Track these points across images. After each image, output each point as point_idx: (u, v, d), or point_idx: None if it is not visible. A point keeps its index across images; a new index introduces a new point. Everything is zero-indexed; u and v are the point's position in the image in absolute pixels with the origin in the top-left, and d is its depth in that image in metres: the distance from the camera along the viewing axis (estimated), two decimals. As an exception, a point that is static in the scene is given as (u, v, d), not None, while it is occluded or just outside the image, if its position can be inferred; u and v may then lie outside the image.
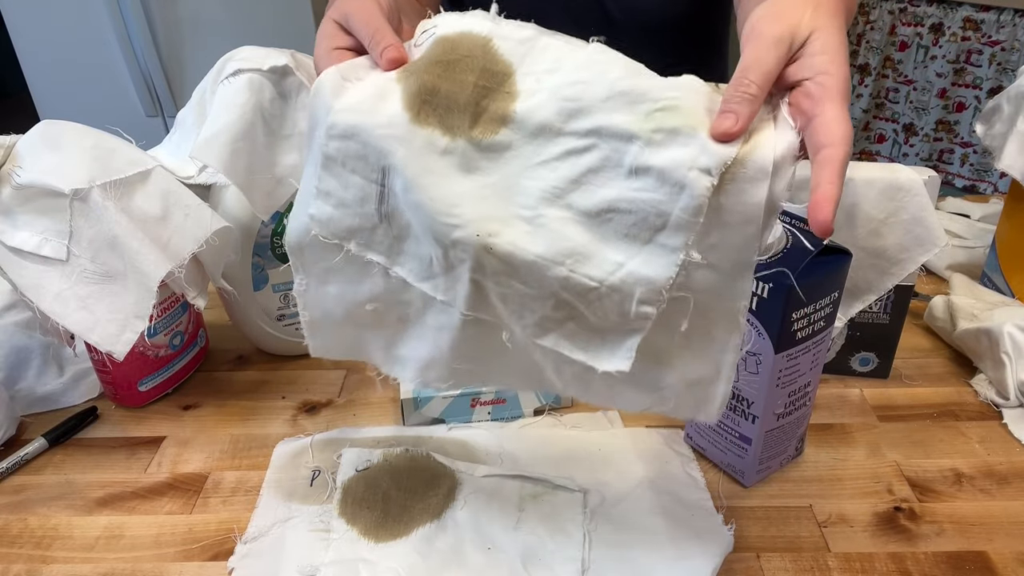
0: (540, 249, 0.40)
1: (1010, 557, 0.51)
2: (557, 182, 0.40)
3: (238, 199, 0.65)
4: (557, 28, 0.43)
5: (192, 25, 1.92)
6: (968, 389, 0.67)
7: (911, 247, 0.61)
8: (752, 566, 0.51)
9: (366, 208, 0.43)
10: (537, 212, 0.40)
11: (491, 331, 0.44)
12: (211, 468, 0.60)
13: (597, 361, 0.42)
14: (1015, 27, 2.09)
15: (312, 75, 0.64)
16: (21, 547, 0.53)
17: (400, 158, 0.40)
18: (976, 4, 2.14)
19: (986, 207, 0.95)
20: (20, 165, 0.55)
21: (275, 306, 0.71)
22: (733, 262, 0.39)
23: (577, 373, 0.44)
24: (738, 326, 0.41)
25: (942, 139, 2.34)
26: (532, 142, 0.41)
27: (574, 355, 0.42)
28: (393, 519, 0.53)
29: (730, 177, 0.37)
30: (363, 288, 0.46)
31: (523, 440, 0.61)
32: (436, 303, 0.44)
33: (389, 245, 0.44)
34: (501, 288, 0.41)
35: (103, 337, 0.57)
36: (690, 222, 0.38)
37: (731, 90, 0.38)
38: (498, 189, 0.41)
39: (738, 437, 0.55)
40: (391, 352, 0.48)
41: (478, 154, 0.41)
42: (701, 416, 0.44)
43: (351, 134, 0.41)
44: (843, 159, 0.37)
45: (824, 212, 0.36)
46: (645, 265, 0.39)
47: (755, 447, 0.55)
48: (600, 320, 0.41)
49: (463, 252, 0.40)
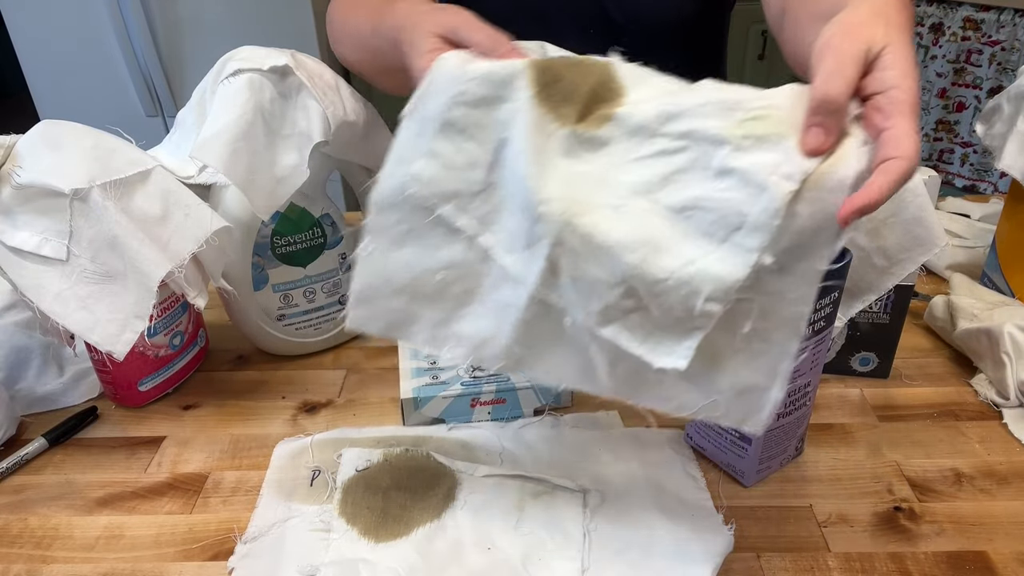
0: (619, 235, 0.41)
1: (1010, 557, 0.51)
2: (647, 178, 0.42)
3: (238, 199, 0.65)
4: (559, 29, 0.44)
5: (192, 25, 1.92)
6: (968, 389, 0.67)
7: (911, 247, 0.61)
8: (752, 566, 0.51)
9: (473, 174, 0.45)
10: (624, 202, 0.42)
11: (554, 317, 0.45)
12: (211, 468, 0.60)
13: (655, 356, 0.43)
14: (1015, 27, 2.09)
15: (313, 75, 0.64)
16: (21, 547, 0.53)
17: (518, 131, 0.43)
18: (976, 4, 2.13)
19: (986, 207, 0.95)
20: (20, 165, 0.55)
21: (275, 306, 0.71)
22: (803, 269, 0.41)
23: (630, 370, 0.44)
24: (798, 333, 0.42)
25: (942, 139, 2.34)
26: (629, 140, 0.43)
27: (632, 348, 0.43)
28: (393, 519, 0.53)
29: (810, 186, 0.39)
30: (440, 255, 0.47)
31: (523, 440, 0.61)
32: (508, 280, 0.45)
33: (484, 214, 0.46)
34: (575, 269, 0.43)
35: (103, 337, 0.57)
36: (767, 224, 0.39)
37: (817, 104, 0.39)
38: (591, 179, 0.43)
39: (738, 437, 0.55)
40: (443, 329, 0.49)
41: (578, 145, 0.44)
42: (748, 425, 0.45)
43: (479, 103, 0.44)
44: (905, 173, 0.37)
45: (854, 204, 0.37)
46: (719, 263, 0.40)
47: (755, 447, 0.55)
48: (663, 315, 0.42)
49: (546, 227, 0.42)
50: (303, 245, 0.69)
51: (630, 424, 0.63)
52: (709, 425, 0.57)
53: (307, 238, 0.69)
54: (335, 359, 0.74)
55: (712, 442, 0.58)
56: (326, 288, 0.72)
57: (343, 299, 0.74)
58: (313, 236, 0.69)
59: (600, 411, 0.65)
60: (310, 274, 0.71)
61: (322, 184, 0.69)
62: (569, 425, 0.63)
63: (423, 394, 0.62)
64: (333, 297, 0.73)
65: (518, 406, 0.64)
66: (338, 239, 0.71)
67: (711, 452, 0.59)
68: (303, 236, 0.69)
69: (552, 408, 0.65)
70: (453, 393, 0.62)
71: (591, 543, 0.52)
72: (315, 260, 0.71)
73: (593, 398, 0.66)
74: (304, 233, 0.69)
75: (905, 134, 0.37)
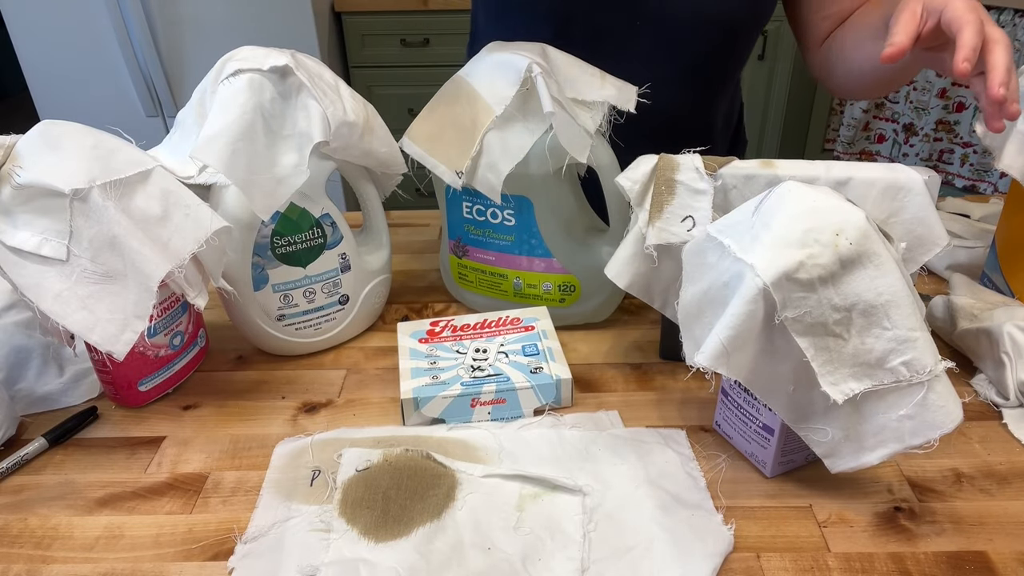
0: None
1: (1010, 557, 0.51)
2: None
3: (238, 199, 0.65)
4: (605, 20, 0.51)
5: (192, 25, 1.92)
6: (968, 389, 0.67)
7: (913, 247, 0.61)
8: (752, 566, 0.51)
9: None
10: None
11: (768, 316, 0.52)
12: (211, 468, 0.60)
13: (825, 381, 0.52)
14: (1015, 27, 2.09)
15: (313, 75, 0.64)
16: (21, 547, 0.53)
17: None
18: (976, 4, 2.13)
19: (986, 207, 0.95)
20: (20, 165, 0.55)
21: (275, 306, 0.71)
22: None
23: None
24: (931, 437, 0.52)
25: (942, 139, 2.34)
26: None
27: (815, 365, 0.51)
28: (393, 519, 0.53)
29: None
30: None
31: (523, 440, 0.61)
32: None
33: None
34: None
35: (103, 337, 0.57)
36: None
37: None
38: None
39: (761, 427, 0.57)
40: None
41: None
42: (829, 462, 0.55)
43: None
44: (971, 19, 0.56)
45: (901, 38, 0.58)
46: (930, 349, 0.51)
47: (777, 438, 0.56)
48: (857, 351, 0.51)
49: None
50: (303, 245, 0.69)
51: (630, 424, 0.63)
52: (737, 415, 0.59)
53: (307, 238, 0.69)
54: (335, 359, 0.74)
55: (739, 431, 0.60)
56: (326, 288, 0.72)
57: (343, 299, 0.74)
58: (313, 236, 0.70)
59: (600, 411, 0.65)
60: (310, 274, 0.71)
61: (322, 184, 0.69)
62: (569, 425, 0.63)
63: (423, 394, 0.62)
64: (333, 297, 0.73)
65: (518, 406, 0.64)
66: (338, 239, 0.71)
67: (737, 441, 0.60)
68: (303, 236, 0.69)
69: (552, 408, 0.65)
70: (453, 393, 0.62)
71: (591, 543, 0.52)
72: (315, 260, 0.71)
73: (593, 398, 0.67)
74: (304, 233, 0.69)
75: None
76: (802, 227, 0.50)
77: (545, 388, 0.64)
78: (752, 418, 0.57)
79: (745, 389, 0.57)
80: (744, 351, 0.52)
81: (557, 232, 0.72)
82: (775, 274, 0.49)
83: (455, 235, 0.77)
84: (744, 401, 0.58)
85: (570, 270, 0.74)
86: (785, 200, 0.51)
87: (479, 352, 0.67)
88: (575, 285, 0.75)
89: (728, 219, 0.55)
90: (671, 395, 0.67)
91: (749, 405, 0.57)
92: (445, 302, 0.83)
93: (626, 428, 0.63)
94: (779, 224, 0.50)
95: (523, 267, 0.75)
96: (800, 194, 0.51)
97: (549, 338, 0.69)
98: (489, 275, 0.77)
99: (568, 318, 0.77)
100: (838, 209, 0.50)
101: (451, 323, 0.71)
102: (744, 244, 0.52)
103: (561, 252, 0.73)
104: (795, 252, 0.49)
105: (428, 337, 0.69)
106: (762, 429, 0.57)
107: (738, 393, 0.58)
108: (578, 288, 0.75)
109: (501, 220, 0.73)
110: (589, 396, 0.67)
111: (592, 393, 0.68)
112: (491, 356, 0.66)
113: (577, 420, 0.64)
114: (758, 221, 0.52)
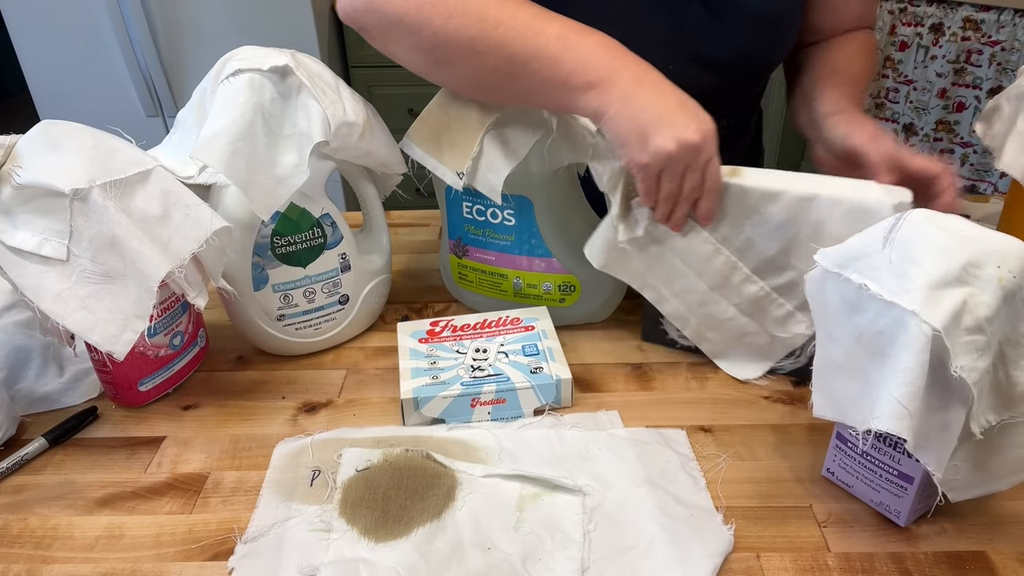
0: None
1: (1010, 557, 0.51)
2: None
3: (238, 199, 0.65)
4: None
5: (192, 25, 1.92)
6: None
7: None
8: (752, 566, 0.51)
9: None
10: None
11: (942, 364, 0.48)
12: (211, 468, 0.60)
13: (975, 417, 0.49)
14: (1015, 27, 2.09)
15: (313, 75, 0.64)
16: (21, 547, 0.53)
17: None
18: (976, 4, 2.13)
19: (986, 207, 0.95)
20: (20, 165, 0.55)
21: (275, 306, 0.71)
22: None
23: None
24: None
25: (942, 139, 2.34)
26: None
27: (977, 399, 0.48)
28: (393, 519, 0.53)
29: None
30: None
31: (523, 440, 0.61)
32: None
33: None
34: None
35: (103, 337, 0.57)
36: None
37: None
38: None
39: (896, 475, 0.52)
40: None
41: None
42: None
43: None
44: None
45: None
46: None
47: (917, 486, 0.52)
48: (1010, 389, 0.49)
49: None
50: (303, 245, 0.69)
51: (630, 424, 0.63)
52: (862, 463, 0.54)
53: (307, 238, 0.69)
54: (335, 359, 0.74)
55: (864, 480, 0.55)
56: (326, 288, 0.72)
57: (343, 299, 0.74)
58: (313, 236, 0.70)
59: (600, 411, 0.65)
60: (310, 274, 0.71)
61: (322, 184, 0.69)
62: (569, 425, 0.63)
63: (423, 394, 0.62)
64: (333, 297, 0.73)
65: (518, 406, 0.64)
66: (338, 239, 0.71)
67: (859, 490, 0.56)
68: (303, 236, 0.69)
69: (552, 408, 0.65)
70: (453, 393, 0.62)
71: (591, 543, 0.52)
72: (315, 260, 0.71)
73: (592, 398, 0.67)
74: (304, 233, 0.69)
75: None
76: (958, 262, 0.45)
77: (545, 388, 0.64)
78: (885, 467, 0.53)
79: (882, 438, 0.52)
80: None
81: (557, 232, 0.72)
82: (943, 319, 0.44)
83: (455, 235, 0.77)
84: (874, 448, 0.53)
85: (570, 270, 0.74)
86: (925, 230, 0.47)
87: (479, 352, 0.67)
88: (575, 285, 0.75)
89: (846, 251, 0.49)
90: (671, 395, 0.67)
91: (881, 453, 0.53)
92: (445, 302, 0.83)
93: (626, 428, 0.63)
94: (929, 259, 0.45)
95: (523, 267, 0.75)
96: (941, 223, 0.47)
97: (549, 338, 0.69)
98: (489, 275, 0.77)
99: (568, 318, 0.77)
100: (990, 238, 0.46)
101: (451, 323, 0.71)
102: (888, 284, 0.46)
103: (561, 252, 0.73)
104: (957, 291, 0.44)
105: (428, 337, 0.69)
106: (898, 478, 0.52)
107: (865, 440, 0.53)
108: (578, 288, 0.75)
109: (501, 220, 0.73)
110: (589, 396, 0.67)
111: (592, 393, 0.68)
112: (491, 356, 0.66)
113: (577, 420, 0.64)
114: (896, 256, 0.47)
